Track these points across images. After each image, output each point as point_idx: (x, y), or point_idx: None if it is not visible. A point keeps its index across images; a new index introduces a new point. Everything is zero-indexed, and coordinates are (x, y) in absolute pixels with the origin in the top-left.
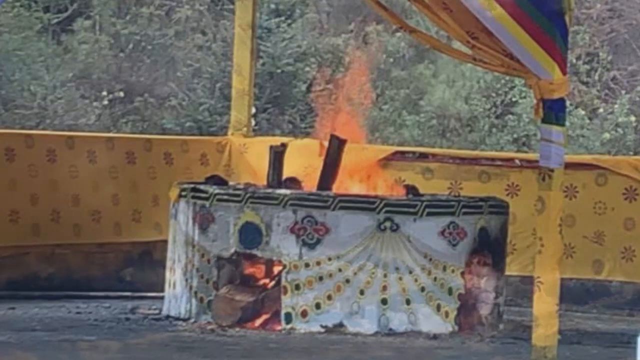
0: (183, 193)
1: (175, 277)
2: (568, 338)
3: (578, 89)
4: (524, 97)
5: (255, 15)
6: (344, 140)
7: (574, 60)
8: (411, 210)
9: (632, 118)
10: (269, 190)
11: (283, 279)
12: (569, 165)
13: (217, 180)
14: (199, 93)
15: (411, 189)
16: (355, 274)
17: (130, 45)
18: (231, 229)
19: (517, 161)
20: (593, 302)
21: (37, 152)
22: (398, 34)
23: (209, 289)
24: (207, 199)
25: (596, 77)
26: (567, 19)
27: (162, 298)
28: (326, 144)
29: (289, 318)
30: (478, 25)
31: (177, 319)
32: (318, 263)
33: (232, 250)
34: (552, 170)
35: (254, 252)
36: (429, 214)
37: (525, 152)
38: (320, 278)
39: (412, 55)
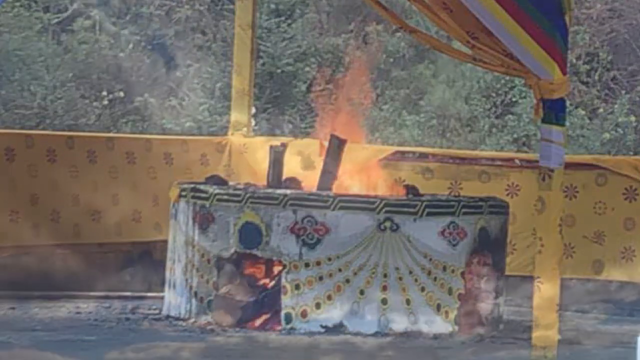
0: (183, 193)
1: (175, 277)
2: (568, 338)
3: (578, 89)
4: (524, 97)
5: (255, 15)
6: (344, 140)
7: (574, 60)
8: (411, 210)
9: (632, 118)
10: (269, 190)
11: (283, 279)
12: (569, 165)
13: (217, 180)
14: (199, 93)
15: (411, 189)
16: (355, 274)
17: (130, 45)
18: (231, 229)
19: (517, 161)
20: (593, 302)
21: (37, 152)
22: (398, 34)
23: (209, 289)
24: (207, 199)
25: (596, 77)
26: (567, 19)
27: (162, 298)
28: (326, 144)
29: (289, 318)
30: (478, 25)
31: (177, 319)
32: (318, 263)
33: (232, 250)
34: (552, 170)
35: (254, 252)
36: (429, 214)
37: (525, 152)
38: (320, 278)
39: (412, 55)
